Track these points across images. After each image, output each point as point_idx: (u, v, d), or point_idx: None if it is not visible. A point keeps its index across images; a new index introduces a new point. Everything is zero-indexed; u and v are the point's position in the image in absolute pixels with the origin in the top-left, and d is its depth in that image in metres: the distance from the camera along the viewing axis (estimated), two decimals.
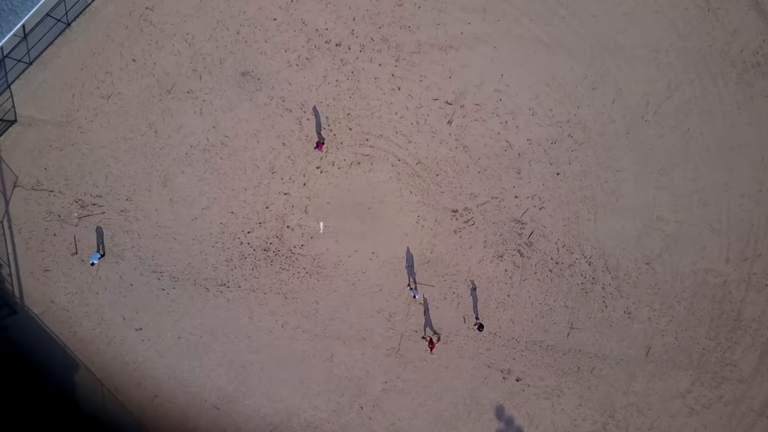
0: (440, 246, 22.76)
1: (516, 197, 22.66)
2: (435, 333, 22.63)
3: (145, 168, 22.58)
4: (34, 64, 22.23)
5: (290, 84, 22.54)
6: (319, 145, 22.07)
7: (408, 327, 22.87)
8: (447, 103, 22.55)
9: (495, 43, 22.45)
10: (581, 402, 22.88)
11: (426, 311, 22.72)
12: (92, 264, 21.86)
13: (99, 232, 22.44)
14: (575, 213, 22.66)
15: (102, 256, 22.25)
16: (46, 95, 22.33)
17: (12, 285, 22.53)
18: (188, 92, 22.49)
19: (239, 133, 22.56)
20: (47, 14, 21.15)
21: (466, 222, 22.76)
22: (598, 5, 22.38)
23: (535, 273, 22.78)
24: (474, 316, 22.71)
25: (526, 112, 22.49)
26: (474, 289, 22.74)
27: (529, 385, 22.87)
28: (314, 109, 22.30)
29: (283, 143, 22.55)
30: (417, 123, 22.59)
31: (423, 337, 22.60)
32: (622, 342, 22.77)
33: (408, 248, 22.77)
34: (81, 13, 22.24)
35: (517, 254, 22.78)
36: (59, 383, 22.75)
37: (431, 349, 22.08)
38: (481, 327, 21.95)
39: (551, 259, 22.73)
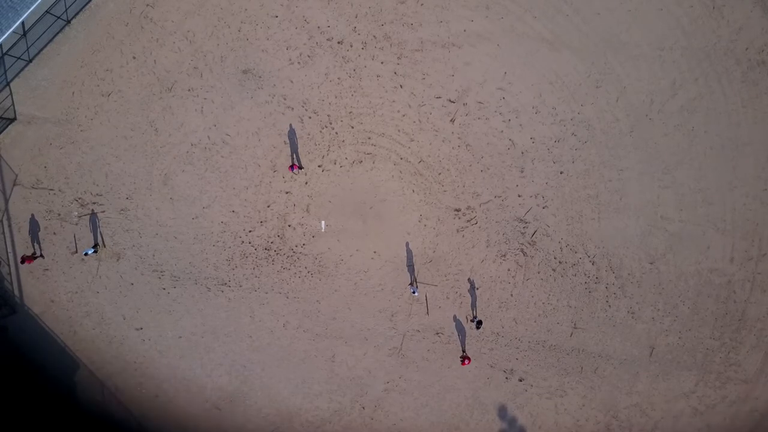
0: (443, 245, 22.61)
1: (519, 196, 22.52)
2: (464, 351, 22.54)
3: (145, 166, 22.44)
4: (33, 61, 22.09)
5: (292, 82, 22.40)
6: (294, 166, 21.93)
7: (410, 327, 22.74)
8: (450, 101, 22.40)
9: (498, 40, 22.30)
10: (584, 402, 22.76)
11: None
12: (85, 254, 21.69)
13: (94, 223, 22.24)
14: (579, 212, 22.51)
15: (95, 248, 21.98)
16: (45, 93, 22.19)
17: (12, 284, 22.42)
18: (189, 90, 22.35)
19: (240, 131, 22.42)
20: (47, 11, 21.05)
21: (468, 221, 22.62)
22: (602, 3, 22.22)
23: (538, 272, 22.64)
24: (472, 314, 22.56)
25: (530, 111, 22.34)
26: (472, 287, 22.58)
27: (532, 385, 22.74)
28: (290, 134, 22.08)
29: (284, 141, 22.41)
30: (419, 121, 22.44)
31: (461, 356, 22.27)
32: (626, 342, 22.63)
33: (410, 247, 22.63)
34: (81, 10, 22.11)
35: (520, 253, 22.64)
36: (59, 383, 22.65)
37: (465, 363, 21.89)
38: (479, 324, 21.77)
39: (554, 258, 22.59)
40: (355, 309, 22.80)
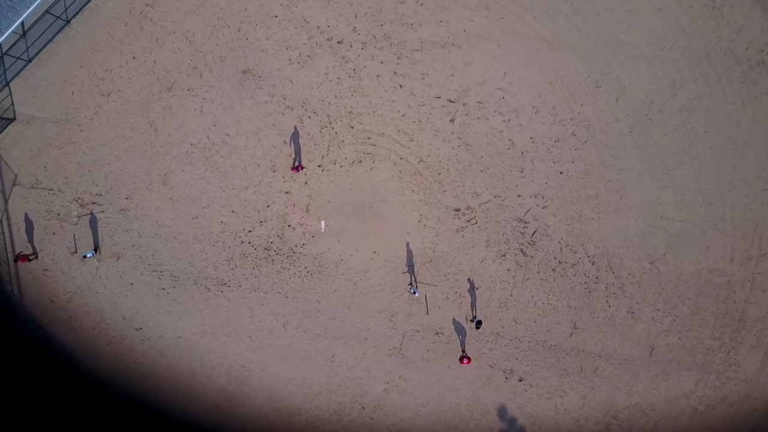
0: (442, 245, 22.60)
1: (519, 196, 22.51)
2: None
3: (145, 166, 22.43)
4: (33, 61, 22.08)
5: (291, 82, 22.39)
6: (298, 167, 21.95)
7: (410, 327, 22.73)
8: (449, 101, 22.40)
9: (498, 40, 22.30)
10: (584, 402, 22.73)
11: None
12: (84, 257, 21.70)
13: (94, 226, 22.25)
14: (578, 212, 22.51)
15: (95, 252, 22.02)
16: (45, 93, 22.18)
17: (11, 284, 22.39)
18: (189, 90, 22.34)
19: (240, 131, 22.41)
20: (46, 11, 21.04)
21: (468, 221, 22.61)
22: (602, 3, 22.23)
23: (538, 272, 22.62)
24: (472, 313, 22.55)
25: (529, 111, 22.34)
26: (472, 287, 22.57)
27: (531, 386, 22.72)
28: (294, 136, 22.09)
29: (284, 141, 22.41)
30: (419, 121, 22.44)
31: (463, 355, 22.24)
32: (626, 342, 22.61)
33: (410, 247, 22.62)
34: (80, 10, 22.12)
35: (520, 253, 22.63)
36: (58, 383, 22.60)
37: (464, 362, 21.88)
38: (478, 324, 21.75)
39: (554, 258, 22.58)
40: (354, 309, 22.78)
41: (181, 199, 22.49)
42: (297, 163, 22.25)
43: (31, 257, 22.00)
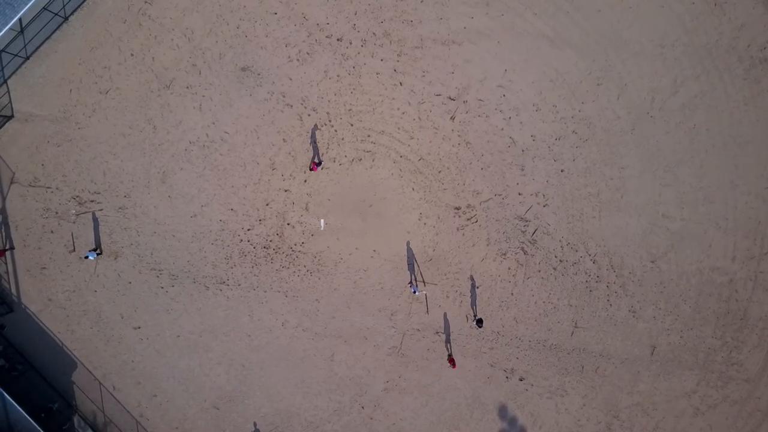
0: (443, 244, 22.48)
1: (520, 194, 22.38)
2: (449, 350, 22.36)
3: (143, 164, 22.31)
4: (31, 58, 21.96)
5: (291, 79, 22.27)
6: (314, 165, 21.80)
7: (410, 326, 22.61)
8: (450, 98, 22.27)
9: (498, 37, 22.17)
10: (585, 402, 22.63)
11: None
12: (86, 258, 21.58)
13: (96, 229, 22.17)
14: (579, 210, 22.38)
15: (99, 254, 21.99)
16: (43, 90, 22.06)
17: (9, 283, 22.29)
18: (187, 87, 22.22)
19: (239, 129, 22.29)
20: (44, 8, 20.96)
21: (468, 219, 22.49)
22: (603, 0, 22.09)
23: (539, 271, 22.50)
24: (473, 312, 22.44)
25: (530, 108, 22.21)
26: (473, 285, 22.46)
27: (532, 385, 22.61)
28: (313, 132, 21.98)
29: (283, 139, 22.28)
30: (419, 119, 22.31)
31: (449, 355, 22.17)
32: (627, 341, 22.50)
33: (410, 246, 22.50)
34: (79, 7, 22.00)
35: (521, 252, 22.50)
36: (57, 382, 22.51)
37: (453, 365, 21.77)
38: (480, 322, 21.64)
39: (555, 257, 22.46)
40: (354, 308, 22.66)
41: (179, 197, 22.37)
42: (315, 161, 22.05)
43: (6, 250, 21.79)
